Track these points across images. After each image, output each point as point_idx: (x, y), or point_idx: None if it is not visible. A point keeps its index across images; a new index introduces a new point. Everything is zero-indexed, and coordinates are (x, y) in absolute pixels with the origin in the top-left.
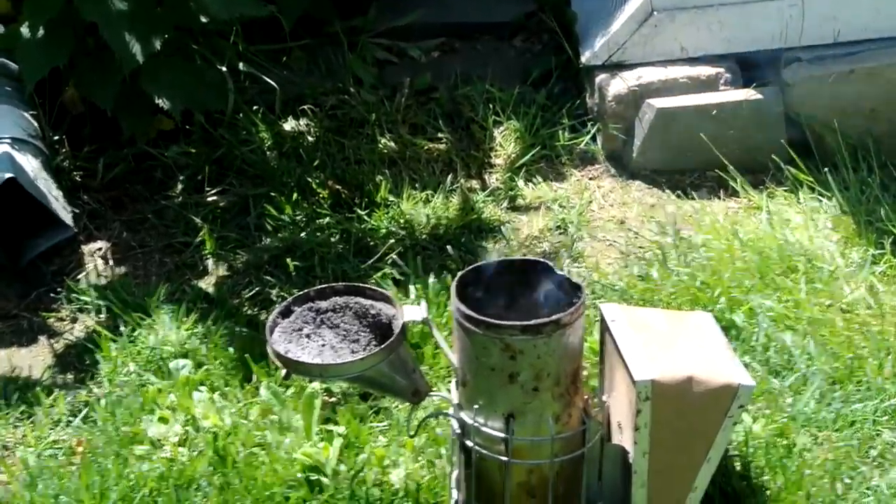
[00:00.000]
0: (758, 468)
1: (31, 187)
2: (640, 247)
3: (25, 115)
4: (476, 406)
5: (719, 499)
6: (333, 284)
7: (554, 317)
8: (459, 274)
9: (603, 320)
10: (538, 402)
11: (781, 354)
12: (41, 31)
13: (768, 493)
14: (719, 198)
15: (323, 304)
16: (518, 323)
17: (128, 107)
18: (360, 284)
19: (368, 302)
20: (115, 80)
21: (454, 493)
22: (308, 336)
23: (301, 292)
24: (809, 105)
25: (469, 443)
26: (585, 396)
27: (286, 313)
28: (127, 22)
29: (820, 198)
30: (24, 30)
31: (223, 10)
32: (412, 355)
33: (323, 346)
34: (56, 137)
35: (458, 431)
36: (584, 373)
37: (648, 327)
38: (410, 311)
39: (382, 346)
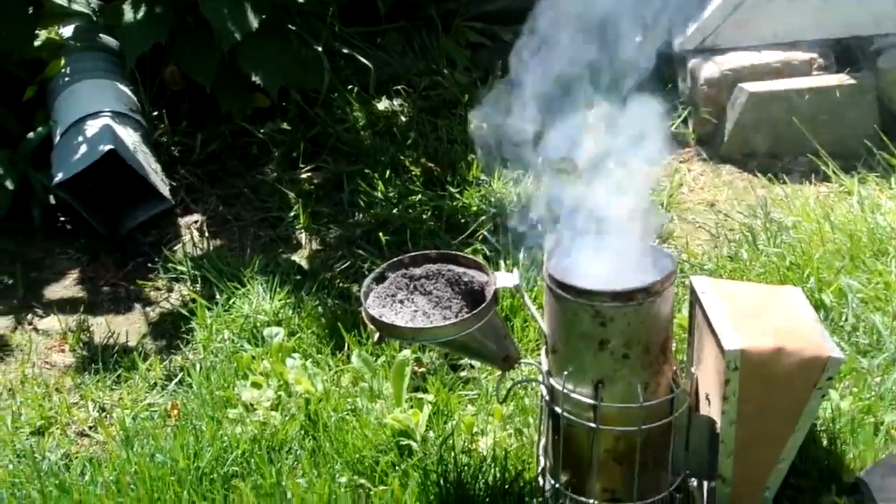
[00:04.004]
0: (844, 443)
1: (131, 159)
2: (730, 229)
3: (126, 90)
4: (566, 373)
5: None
6: (426, 252)
7: (644, 284)
8: (552, 243)
9: (693, 292)
10: (627, 370)
11: (870, 335)
12: (143, 9)
13: (854, 467)
14: (810, 182)
15: (416, 271)
16: (609, 289)
17: (226, 84)
18: (453, 252)
19: (461, 269)
20: (214, 58)
21: (541, 461)
22: (401, 302)
23: (395, 259)
24: None
25: (558, 409)
26: (674, 367)
27: (380, 279)
28: (226, 0)
29: None
30: (127, 7)
31: None
32: (503, 322)
33: (416, 311)
34: (155, 113)
35: (547, 398)
36: (673, 346)
37: (738, 299)
38: (503, 278)
39: (474, 311)
